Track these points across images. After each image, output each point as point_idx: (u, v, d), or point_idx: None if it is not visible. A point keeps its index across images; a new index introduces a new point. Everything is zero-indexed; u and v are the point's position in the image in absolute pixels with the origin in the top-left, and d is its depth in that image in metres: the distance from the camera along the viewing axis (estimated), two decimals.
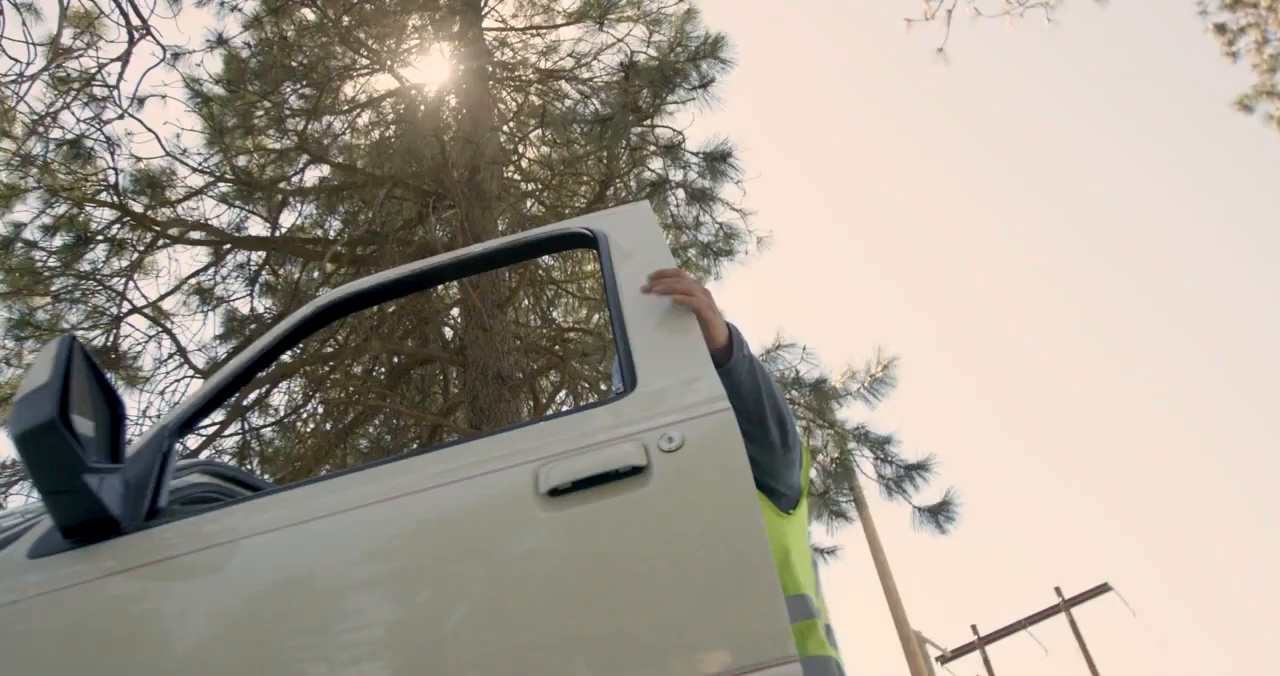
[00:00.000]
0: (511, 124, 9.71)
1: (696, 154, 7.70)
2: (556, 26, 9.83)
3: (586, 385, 9.19)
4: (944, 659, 18.07)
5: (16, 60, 6.21)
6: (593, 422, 1.59)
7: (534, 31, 10.03)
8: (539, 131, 9.23)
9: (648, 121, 7.50)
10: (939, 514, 7.27)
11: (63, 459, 1.46)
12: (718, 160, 7.62)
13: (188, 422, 1.86)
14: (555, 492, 1.47)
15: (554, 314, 10.11)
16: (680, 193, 8.02)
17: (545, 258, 9.76)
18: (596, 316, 9.68)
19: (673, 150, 7.71)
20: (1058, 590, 18.47)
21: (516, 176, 9.46)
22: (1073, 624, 18.03)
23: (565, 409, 2.37)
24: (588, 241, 2.03)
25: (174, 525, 1.61)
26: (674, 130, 7.69)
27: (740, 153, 7.67)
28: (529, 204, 9.28)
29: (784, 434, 1.83)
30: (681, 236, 8.78)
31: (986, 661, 18.11)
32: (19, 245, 8.01)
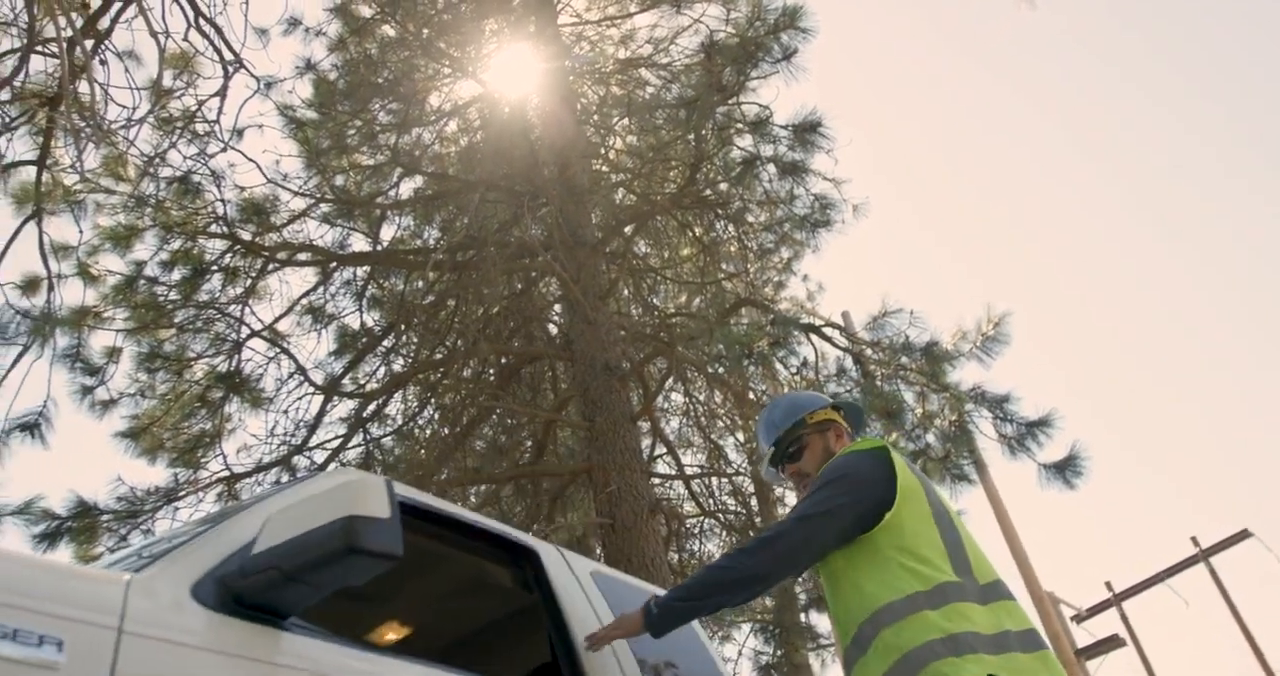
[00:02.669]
0: (596, 116, 9.77)
1: (785, 127, 7.59)
2: (631, 15, 9.86)
3: (694, 369, 9.21)
4: (1079, 618, 17.59)
5: (124, 106, 6.49)
6: None
7: (609, 22, 10.07)
8: (624, 121, 9.26)
9: (733, 99, 7.44)
10: (1066, 469, 7.05)
11: (347, 578, 1.57)
12: (807, 131, 7.49)
13: None
14: None
15: (654, 301, 10.15)
16: (771, 168, 7.92)
17: (641, 245, 9.80)
18: (698, 300, 9.69)
19: (761, 126, 7.60)
20: (1194, 539, 17.81)
21: (605, 168, 9.52)
22: (1213, 573, 17.35)
23: None
24: (529, 553, 2.64)
25: (321, 644, 1.73)
26: (760, 105, 7.60)
27: (828, 121, 7.54)
28: (620, 194, 9.33)
29: (786, 562, 2.32)
30: (776, 211, 8.71)
31: (1124, 618, 17.56)
32: (141, 282, 8.37)
